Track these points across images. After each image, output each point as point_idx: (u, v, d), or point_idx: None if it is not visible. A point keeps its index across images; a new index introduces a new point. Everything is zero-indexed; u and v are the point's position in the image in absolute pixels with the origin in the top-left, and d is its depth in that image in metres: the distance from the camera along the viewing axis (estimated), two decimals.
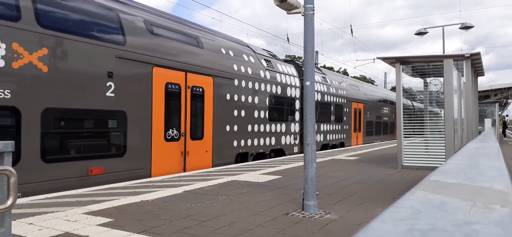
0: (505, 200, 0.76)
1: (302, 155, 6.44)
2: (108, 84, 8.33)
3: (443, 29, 22.74)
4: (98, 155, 8.19)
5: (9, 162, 3.38)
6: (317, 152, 15.71)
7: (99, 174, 8.16)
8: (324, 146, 18.88)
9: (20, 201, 6.14)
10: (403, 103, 11.44)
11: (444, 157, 9.93)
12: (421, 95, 12.34)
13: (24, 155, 6.91)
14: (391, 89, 46.72)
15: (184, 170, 10.38)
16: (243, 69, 12.80)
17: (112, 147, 8.58)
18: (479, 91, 23.30)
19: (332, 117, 19.47)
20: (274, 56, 16.14)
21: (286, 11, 6.33)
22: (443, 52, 22.37)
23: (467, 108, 12.75)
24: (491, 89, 28.24)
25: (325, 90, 18.92)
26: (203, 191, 7.33)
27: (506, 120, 50.75)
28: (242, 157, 12.88)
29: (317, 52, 45.36)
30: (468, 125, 13.16)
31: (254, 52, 14.19)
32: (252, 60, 13.54)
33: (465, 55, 11.55)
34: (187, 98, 10.50)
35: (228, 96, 12.04)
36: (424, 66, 11.69)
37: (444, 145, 10.01)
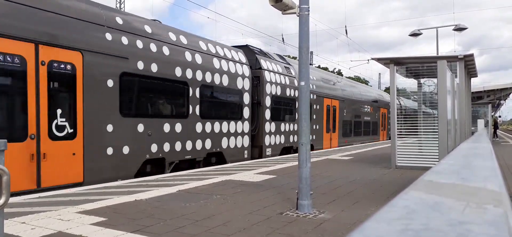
0: (498, 200, 0.77)
1: (297, 154, 6.45)
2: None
3: (437, 31, 22.87)
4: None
5: (2, 161, 3.34)
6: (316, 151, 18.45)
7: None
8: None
9: (12, 200, 6.09)
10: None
11: (437, 157, 10.00)
12: (415, 96, 12.40)
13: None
14: (384, 90, 47.67)
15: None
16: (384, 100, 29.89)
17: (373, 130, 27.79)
18: (472, 92, 23.45)
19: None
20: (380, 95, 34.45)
21: (281, 12, 6.34)
22: (437, 53, 22.50)
23: (460, 109, 12.83)
24: (484, 91, 28.40)
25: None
26: (197, 191, 7.32)
27: (499, 120, 51.02)
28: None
29: (312, 52, 45.50)
30: (461, 125, 13.25)
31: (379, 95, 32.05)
32: (382, 94, 31.07)
33: (459, 57, 11.62)
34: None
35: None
36: (418, 67, 11.75)
37: (437, 145, 10.07)
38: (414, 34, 22.77)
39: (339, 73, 57.89)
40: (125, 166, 9.14)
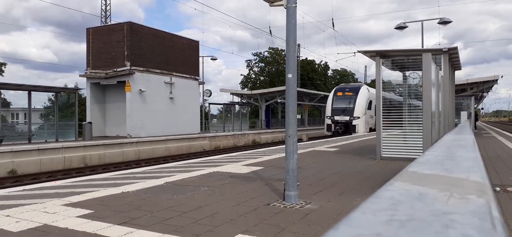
0: (481, 191, 0.79)
1: (284, 146, 6.48)
2: None
3: (422, 24, 23.14)
4: None
5: None
6: (300, 143, 18.28)
7: None
8: None
9: None
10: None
11: (422, 148, 10.15)
12: (400, 88, 12.55)
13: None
14: (371, 82, 48.19)
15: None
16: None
17: None
18: (456, 85, 23.82)
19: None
20: None
21: (268, 4, 6.32)
22: (422, 46, 22.78)
23: (444, 101, 13.04)
24: (468, 83, 28.85)
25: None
26: (184, 183, 7.30)
27: (481, 112, 52.08)
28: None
29: (299, 45, 45.57)
30: (445, 117, 13.47)
31: None
32: None
33: (443, 50, 11.78)
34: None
35: None
36: (403, 60, 11.87)
37: (422, 136, 10.22)
38: (400, 28, 22.99)
39: (326, 66, 58.02)
40: None
